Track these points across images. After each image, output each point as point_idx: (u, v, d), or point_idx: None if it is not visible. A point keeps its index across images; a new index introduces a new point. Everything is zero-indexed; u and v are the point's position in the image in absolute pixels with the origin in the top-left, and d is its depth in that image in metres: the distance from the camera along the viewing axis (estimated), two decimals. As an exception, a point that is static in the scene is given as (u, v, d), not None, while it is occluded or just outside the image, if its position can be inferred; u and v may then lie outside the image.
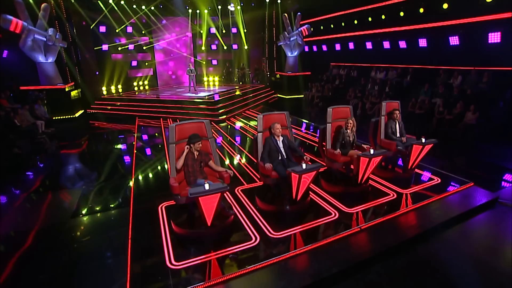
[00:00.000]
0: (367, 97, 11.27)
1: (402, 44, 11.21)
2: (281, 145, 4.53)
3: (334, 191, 4.98)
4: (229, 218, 3.99)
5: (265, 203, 4.52)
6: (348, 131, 5.01)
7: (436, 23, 9.58)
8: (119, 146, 8.67)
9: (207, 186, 3.38)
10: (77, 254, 3.77)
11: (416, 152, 5.08)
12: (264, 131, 4.58)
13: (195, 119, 4.17)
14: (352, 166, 5.04)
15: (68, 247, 3.90)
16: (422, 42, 10.34)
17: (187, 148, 3.93)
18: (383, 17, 11.58)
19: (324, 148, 5.40)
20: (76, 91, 12.08)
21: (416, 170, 5.57)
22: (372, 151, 4.55)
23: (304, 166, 3.99)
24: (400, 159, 5.69)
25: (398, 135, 5.60)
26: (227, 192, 4.42)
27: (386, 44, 11.91)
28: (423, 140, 4.99)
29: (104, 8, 14.43)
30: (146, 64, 17.06)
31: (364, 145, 5.11)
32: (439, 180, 5.28)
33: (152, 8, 15.76)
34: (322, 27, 15.08)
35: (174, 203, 4.19)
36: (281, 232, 3.94)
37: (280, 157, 4.52)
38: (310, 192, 4.79)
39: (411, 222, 4.21)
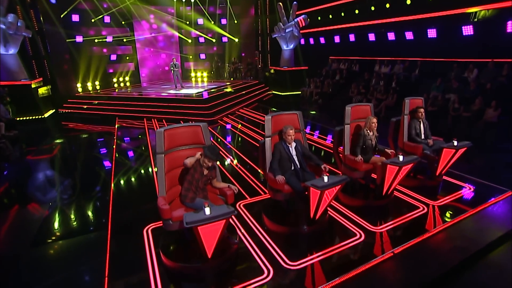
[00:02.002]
0: (372, 93, 10.80)
1: (409, 35, 10.77)
2: (294, 152, 3.89)
3: (354, 204, 4.40)
4: (233, 247, 3.33)
5: (275, 222, 3.88)
6: (370, 133, 4.43)
7: (447, 11, 9.16)
8: (96, 151, 7.84)
9: (207, 211, 2.71)
10: (37, 300, 3.04)
11: (447, 157, 4.55)
12: (272, 136, 3.93)
13: (191, 122, 3.46)
14: (374, 175, 4.48)
15: (25, 290, 3.16)
16: (432, 33, 9.91)
17: (198, 158, 3.21)
18: (387, 6, 11.12)
19: (340, 154, 4.81)
20: (45, 88, 11.08)
21: (444, 177, 5.06)
22: (401, 158, 3.98)
23: (326, 179, 3.37)
24: (426, 164, 5.15)
25: (423, 136, 5.07)
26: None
27: (391, 36, 11.46)
28: (455, 143, 4.47)
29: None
30: (127, 58, 16.10)
31: (387, 149, 4.55)
32: (472, 189, 4.78)
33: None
34: (319, 18, 14.53)
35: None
36: (298, 262, 3.31)
37: (293, 167, 3.88)
38: (327, 208, 4.18)
39: (450, 243, 3.66)
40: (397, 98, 9.86)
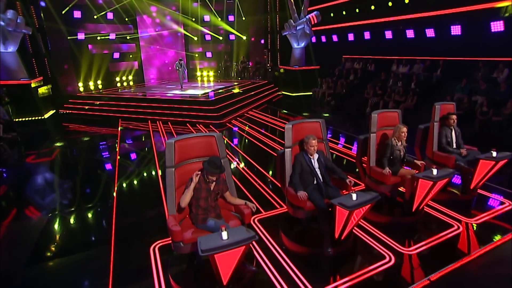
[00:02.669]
0: (389, 95, 10.47)
1: (430, 33, 10.42)
2: (316, 165, 3.63)
3: (379, 221, 4.12)
4: (250, 271, 3.08)
5: (295, 242, 3.63)
6: (399, 143, 4.15)
7: (473, 6, 8.78)
8: (98, 156, 7.67)
9: (224, 236, 2.47)
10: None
11: (484, 169, 4.25)
12: (293, 146, 3.68)
13: (203, 132, 3.22)
14: (402, 189, 4.20)
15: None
16: (455, 30, 9.55)
17: (197, 175, 2.98)
18: (406, 1, 10.78)
19: (364, 165, 4.53)
20: (45, 87, 10.98)
21: (478, 191, 4.75)
22: (435, 172, 3.70)
23: (354, 196, 3.11)
24: (459, 176, 4.85)
25: (454, 146, 4.77)
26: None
27: (410, 33, 11.12)
28: (494, 153, 4.16)
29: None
30: (131, 56, 15.98)
31: (416, 161, 4.26)
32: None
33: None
34: (332, 14, 14.23)
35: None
36: (323, 289, 3.06)
37: (315, 181, 3.62)
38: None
39: (494, 269, 3.37)
40: (417, 100, 9.54)
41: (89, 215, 4.74)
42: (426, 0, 10.05)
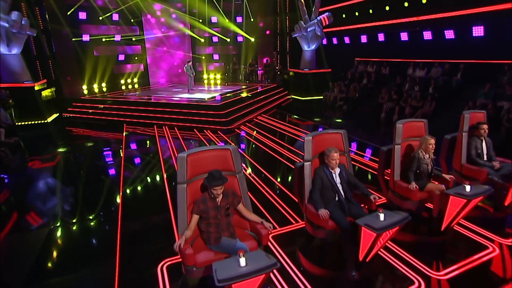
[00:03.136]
0: (405, 100, 10.22)
1: (449, 34, 10.18)
2: (338, 180, 3.43)
3: (404, 240, 3.87)
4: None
5: (314, 263, 3.42)
6: (426, 156, 3.92)
7: (497, 6, 8.51)
8: (103, 163, 7.55)
9: (243, 262, 2.28)
10: None
11: (520, 184, 3.99)
12: (313, 159, 3.48)
13: (217, 144, 3.05)
14: (429, 205, 3.97)
15: None
16: (477, 31, 9.29)
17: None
18: (423, 0, 10.55)
19: (386, 177, 4.32)
20: (49, 90, 10.97)
21: None
22: (468, 188, 3.47)
23: (382, 217, 2.90)
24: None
25: (485, 158, 4.52)
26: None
27: (427, 35, 10.89)
28: (532, 168, 3.91)
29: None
30: (136, 58, 15.99)
31: (445, 175, 4.03)
32: (551, 224, 4.19)
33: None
34: (344, 15, 14.05)
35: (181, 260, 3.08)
36: (348, 319, 2.84)
37: (337, 197, 3.42)
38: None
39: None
40: (436, 106, 9.28)
41: (93, 227, 4.60)
42: (445, 0, 9.80)
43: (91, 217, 4.83)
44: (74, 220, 4.78)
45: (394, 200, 4.10)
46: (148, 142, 8.94)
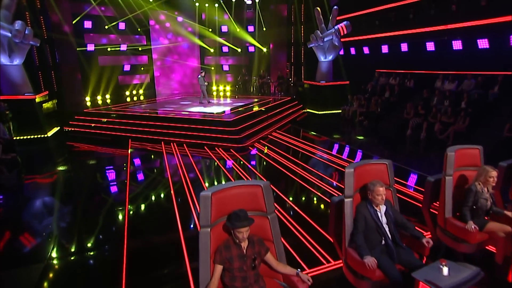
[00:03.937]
0: (434, 116, 9.79)
1: (483, 44, 9.77)
2: (384, 219, 3.01)
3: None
4: None
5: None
6: (485, 190, 3.49)
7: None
8: (106, 184, 7.25)
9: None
10: None
11: None
12: (354, 194, 3.09)
13: (246, 179, 2.68)
14: (493, 248, 3.51)
15: None
16: (516, 41, 8.90)
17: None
18: (453, 7, 10.24)
19: (432, 211, 3.88)
20: (50, 102, 10.84)
21: None
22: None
23: (445, 271, 2.47)
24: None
25: (552, 189, 4.05)
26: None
27: (457, 44, 10.51)
28: None
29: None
30: (142, 69, 15.94)
31: (507, 212, 3.57)
32: None
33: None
34: (363, 24, 13.83)
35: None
36: None
37: (383, 241, 3.00)
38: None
39: None
40: (470, 122, 8.84)
41: (95, 260, 4.24)
42: (478, 6, 9.45)
43: (92, 247, 4.48)
44: (72, 250, 4.43)
45: (446, 241, 3.63)
46: (154, 158, 8.65)
